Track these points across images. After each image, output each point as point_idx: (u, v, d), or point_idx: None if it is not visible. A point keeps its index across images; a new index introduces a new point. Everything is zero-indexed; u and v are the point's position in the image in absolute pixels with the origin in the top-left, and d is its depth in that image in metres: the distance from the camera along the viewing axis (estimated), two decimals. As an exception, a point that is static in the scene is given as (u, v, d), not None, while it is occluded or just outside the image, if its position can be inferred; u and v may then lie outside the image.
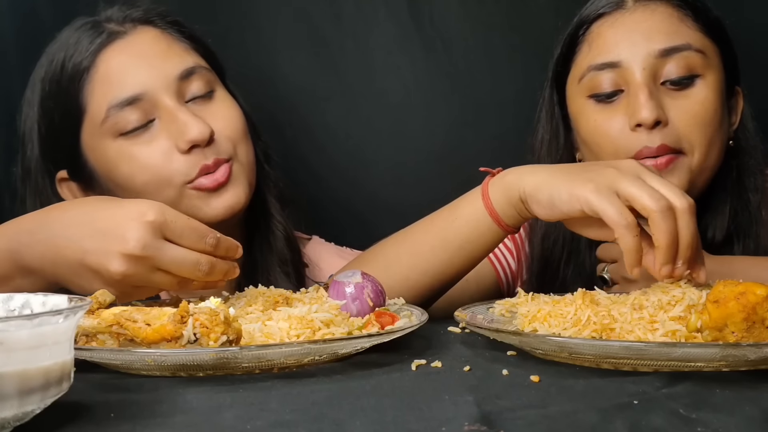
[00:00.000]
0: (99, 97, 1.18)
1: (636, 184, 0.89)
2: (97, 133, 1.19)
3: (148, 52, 1.20)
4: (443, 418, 0.62)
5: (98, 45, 1.19)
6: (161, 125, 1.18)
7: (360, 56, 1.66)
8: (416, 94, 1.67)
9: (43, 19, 1.61)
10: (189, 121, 1.16)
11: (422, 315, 0.93)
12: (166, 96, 1.17)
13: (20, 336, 0.56)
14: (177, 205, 1.11)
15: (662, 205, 0.87)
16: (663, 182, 0.91)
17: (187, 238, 0.89)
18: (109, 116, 1.17)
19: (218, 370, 0.77)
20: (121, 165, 1.18)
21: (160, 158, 1.17)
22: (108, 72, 1.18)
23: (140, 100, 1.16)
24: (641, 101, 1.16)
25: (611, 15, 1.23)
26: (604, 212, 0.89)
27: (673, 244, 0.88)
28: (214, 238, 0.90)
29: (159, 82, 1.18)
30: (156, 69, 1.19)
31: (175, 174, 1.17)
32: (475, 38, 1.66)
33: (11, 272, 0.96)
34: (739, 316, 0.75)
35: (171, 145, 1.17)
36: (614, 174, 0.91)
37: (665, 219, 0.87)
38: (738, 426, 0.60)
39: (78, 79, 1.19)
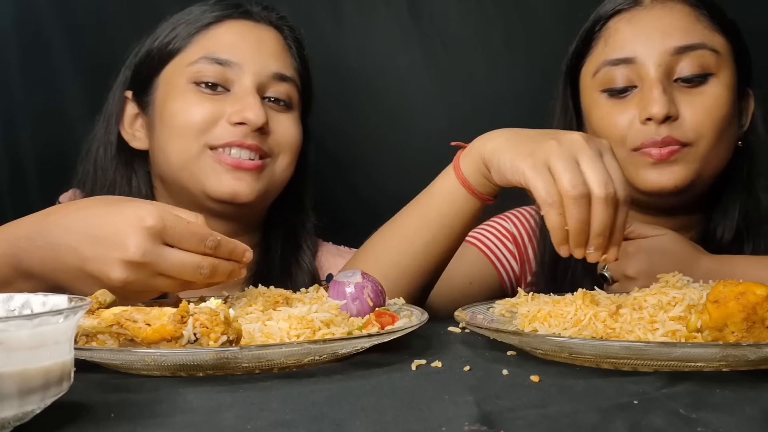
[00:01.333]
0: (199, 47, 1.28)
1: (564, 164, 0.90)
2: (176, 72, 1.28)
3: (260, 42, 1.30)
4: (443, 418, 0.62)
5: (227, 14, 1.31)
6: (232, 95, 1.26)
7: (360, 56, 1.66)
8: (416, 94, 1.67)
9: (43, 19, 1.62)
10: (253, 105, 1.24)
11: (422, 315, 0.93)
12: (249, 79, 1.26)
13: (20, 336, 0.56)
14: (194, 162, 1.23)
15: (577, 192, 0.88)
16: (595, 166, 0.90)
17: (187, 241, 0.89)
18: (197, 62, 1.26)
19: (218, 370, 0.77)
20: (176, 102, 1.26)
21: (205, 112, 1.24)
22: (215, 37, 1.29)
23: (227, 66, 1.26)
24: (654, 96, 1.18)
25: (628, 11, 1.25)
26: (534, 188, 0.91)
27: (582, 231, 0.89)
28: (213, 241, 0.90)
29: (254, 70, 1.27)
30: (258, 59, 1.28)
31: (209, 136, 1.24)
32: (475, 38, 1.66)
33: (11, 277, 0.95)
34: (739, 316, 0.75)
35: (223, 111, 1.24)
36: (552, 148, 0.92)
37: (575, 206, 0.88)
38: (738, 426, 0.60)
39: (192, 28, 1.29)
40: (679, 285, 0.90)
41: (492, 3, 1.66)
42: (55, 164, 1.55)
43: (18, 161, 1.61)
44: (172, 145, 1.26)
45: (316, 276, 1.36)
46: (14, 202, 1.59)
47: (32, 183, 1.60)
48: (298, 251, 1.36)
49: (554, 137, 0.94)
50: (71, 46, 1.61)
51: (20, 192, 1.60)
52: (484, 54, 1.66)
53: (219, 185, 1.23)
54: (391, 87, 1.67)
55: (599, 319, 0.85)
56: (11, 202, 1.60)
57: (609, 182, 0.89)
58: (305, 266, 1.35)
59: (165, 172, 1.29)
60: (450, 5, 1.66)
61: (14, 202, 1.59)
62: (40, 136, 1.60)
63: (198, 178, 1.24)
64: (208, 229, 0.91)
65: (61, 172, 1.39)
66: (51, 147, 1.58)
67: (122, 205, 0.94)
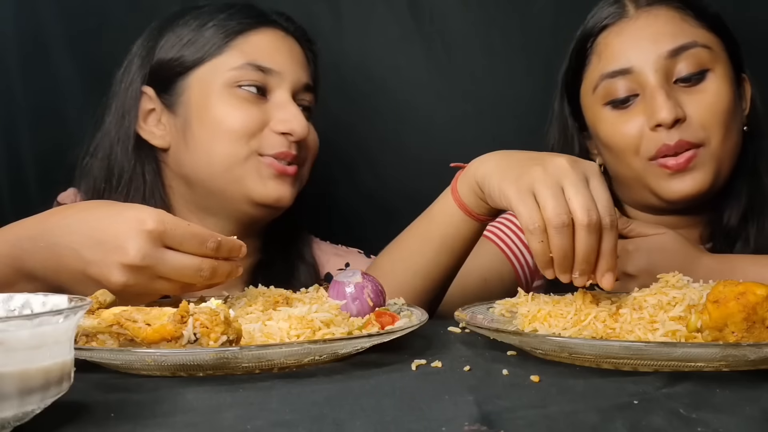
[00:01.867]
0: (240, 52, 1.29)
1: (548, 192, 0.89)
2: (213, 75, 1.28)
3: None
4: (443, 418, 0.62)
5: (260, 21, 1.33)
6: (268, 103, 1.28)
7: (360, 56, 1.66)
8: (416, 93, 1.67)
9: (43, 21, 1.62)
10: (298, 116, 1.28)
11: (422, 315, 0.93)
12: (288, 88, 1.29)
13: (20, 336, 0.56)
14: (240, 165, 1.25)
15: (560, 221, 0.87)
16: (579, 192, 0.90)
17: (187, 244, 0.89)
18: (241, 68, 1.27)
19: (218, 370, 0.77)
20: (219, 107, 1.27)
21: (252, 118, 1.26)
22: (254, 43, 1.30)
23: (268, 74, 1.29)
24: (659, 102, 1.19)
25: (616, 25, 1.26)
26: (519, 215, 0.91)
27: (566, 258, 0.88)
28: (215, 242, 0.90)
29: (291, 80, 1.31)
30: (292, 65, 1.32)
31: (256, 143, 1.26)
32: (475, 38, 1.66)
33: (14, 278, 0.95)
34: (739, 316, 0.75)
35: (267, 118, 1.27)
36: (537, 174, 0.91)
37: (558, 234, 0.87)
38: (738, 426, 0.60)
39: (229, 31, 1.30)
40: (679, 285, 0.90)
41: (492, 3, 1.66)
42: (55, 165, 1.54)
43: (18, 162, 1.61)
44: (217, 148, 1.26)
45: (317, 270, 1.37)
46: (14, 203, 1.58)
47: (32, 184, 1.60)
48: (301, 247, 1.38)
49: (540, 162, 0.94)
50: (71, 47, 1.61)
51: (20, 192, 1.60)
52: (484, 54, 1.66)
53: (265, 190, 1.26)
54: (390, 87, 1.67)
55: (599, 319, 0.85)
56: (11, 202, 1.59)
57: (593, 209, 0.89)
58: (309, 262, 1.37)
59: (201, 174, 1.28)
60: (450, 5, 1.66)
61: (14, 202, 1.59)
62: (41, 137, 1.60)
63: (244, 182, 1.26)
64: (208, 230, 0.91)
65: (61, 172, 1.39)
66: (51, 148, 1.58)
67: (123, 208, 0.94)
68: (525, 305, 0.94)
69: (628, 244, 1.17)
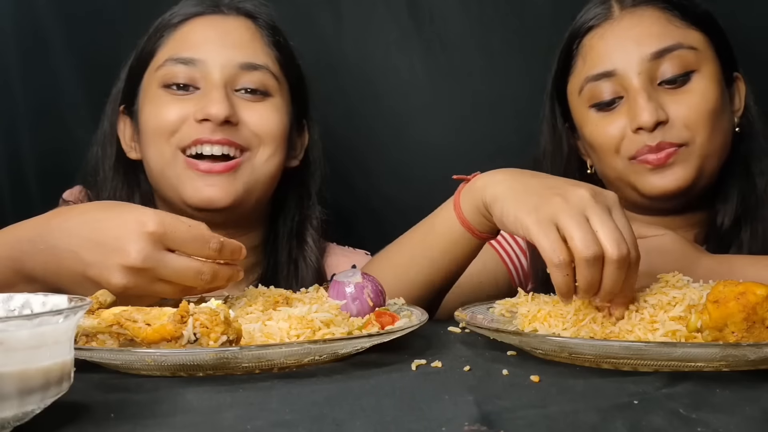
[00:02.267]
0: (167, 50, 1.26)
1: (574, 223, 0.85)
2: (149, 78, 1.27)
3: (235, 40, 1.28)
4: (443, 418, 0.62)
5: (194, 12, 1.28)
6: (200, 93, 1.23)
7: (360, 56, 1.66)
8: (416, 94, 1.67)
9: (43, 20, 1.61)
10: (215, 98, 1.20)
11: (422, 315, 0.93)
12: (215, 74, 1.23)
13: (20, 336, 0.56)
14: (169, 167, 1.21)
15: (590, 252, 0.83)
16: (606, 224, 0.85)
17: (189, 245, 0.89)
18: (164, 65, 1.24)
19: (218, 370, 0.77)
20: (147, 108, 1.25)
21: (173, 115, 1.22)
22: (186, 34, 1.26)
23: (191, 65, 1.23)
24: (641, 105, 1.19)
25: (600, 27, 1.26)
26: (540, 247, 0.86)
27: (591, 290, 0.84)
28: (217, 242, 0.89)
29: (219, 64, 1.24)
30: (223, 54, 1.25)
31: (177, 138, 1.22)
32: (475, 38, 1.66)
33: (13, 279, 0.95)
34: (739, 316, 0.75)
35: (190, 111, 1.21)
36: (559, 205, 0.87)
37: (588, 267, 0.83)
38: (738, 426, 0.60)
39: (162, 33, 1.27)
40: (679, 285, 0.90)
41: (492, 3, 1.66)
42: (55, 165, 1.55)
43: (19, 162, 1.61)
44: (149, 152, 1.25)
45: (323, 274, 1.34)
46: (15, 203, 1.58)
47: (33, 184, 1.60)
48: (304, 246, 1.33)
49: (560, 193, 0.89)
50: (71, 47, 1.61)
51: (21, 193, 1.60)
52: (484, 54, 1.66)
53: (194, 192, 1.20)
54: (390, 87, 1.67)
55: (596, 322, 0.85)
56: (12, 203, 1.59)
57: (622, 242, 0.84)
58: (311, 263, 1.32)
59: (151, 182, 1.28)
60: (450, 6, 1.66)
61: (15, 203, 1.59)
62: (41, 138, 1.60)
63: (174, 186, 1.22)
64: (210, 231, 0.91)
65: (61, 173, 1.39)
66: (51, 148, 1.58)
67: (123, 210, 0.93)
68: (525, 305, 0.94)
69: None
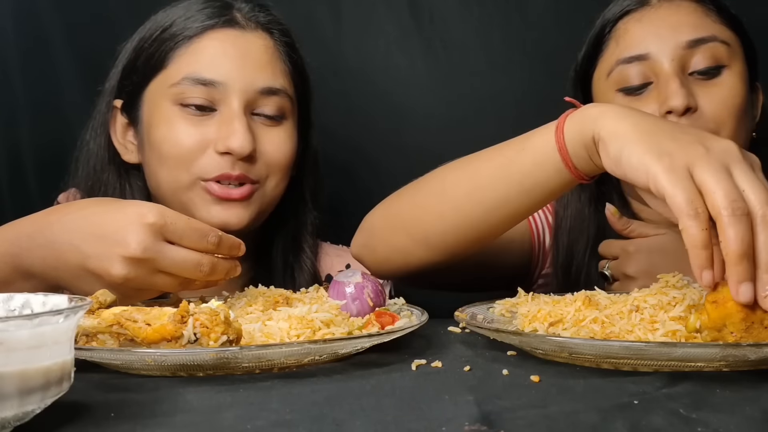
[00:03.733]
0: (181, 65, 1.20)
1: (717, 175, 0.74)
2: (160, 91, 1.21)
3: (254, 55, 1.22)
4: (443, 418, 0.62)
5: (210, 24, 1.21)
6: (219, 116, 1.19)
7: (360, 56, 1.66)
8: (416, 93, 1.67)
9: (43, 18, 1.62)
10: (238, 131, 1.17)
11: (422, 315, 0.93)
12: (235, 99, 1.18)
13: (20, 336, 0.56)
14: (183, 192, 1.18)
15: (737, 206, 0.72)
16: (755, 182, 0.74)
17: (188, 238, 0.89)
18: (180, 84, 1.19)
19: (218, 370, 0.77)
20: (161, 128, 1.20)
21: (192, 141, 1.18)
22: (203, 49, 1.21)
23: (211, 87, 1.18)
24: (673, 89, 1.18)
25: (637, 11, 1.25)
26: (672, 197, 0.75)
27: (744, 256, 0.71)
28: (216, 236, 0.90)
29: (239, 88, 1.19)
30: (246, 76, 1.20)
31: (198, 167, 1.18)
32: (475, 38, 1.66)
33: (11, 276, 0.96)
34: (738, 316, 0.75)
35: (209, 137, 1.18)
36: (699, 154, 0.76)
37: (736, 223, 0.71)
38: (738, 426, 0.59)
39: (173, 42, 1.21)
40: (679, 285, 0.90)
41: (492, 3, 1.66)
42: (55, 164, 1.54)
43: (18, 160, 1.61)
44: (162, 173, 1.21)
45: (318, 278, 1.35)
46: (14, 202, 1.59)
47: (32, 182, 1.61)
48: (300, 253, 1.33)
49: (702, 141, 0.78)
50: (71, 44, 1.61)
51: (20, 191, 1.60)
52: (484, 54, 1.66)
53: (208, 216, 1.17)
54: (390, 87, 1.67)
55: (597, 322, 0.85)
56: (11, 201, 1.60)
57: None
58: (306, 269, 1.32)
59: (157, 195, 1.25)
60: (450, 5, 1.66)
61: (14, 201, 1.59)
62: (40, 136, 1.60)
63: (188, 208, 1.19)
64: (208, 225, 0.92)
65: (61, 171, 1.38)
66: (51, 146, 1.58)
67: (123, 203, 0.94)
68: (525, 305, 0.94)
69: (628, 245, 1.17)
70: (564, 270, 1.28)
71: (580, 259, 1.27)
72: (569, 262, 1.28)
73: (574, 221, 1.28)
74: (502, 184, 0.97)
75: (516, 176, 0.95)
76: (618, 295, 0.92)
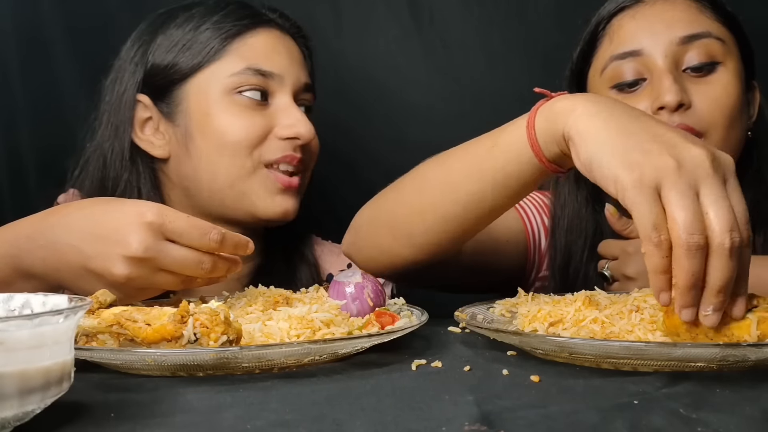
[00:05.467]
0: (237, 57, 1.25)
1: (683, 201, 0.73)
2: (212, 82, 1.25)
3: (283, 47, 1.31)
4: (443, 418, 0.62)
5: (255, 22, 1.29)
6: (270, 108, 1.26)
7: (360, 56, 1.67)
8: (416, 93, 1.67)
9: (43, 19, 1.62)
10: (302, 119, 1.25)
11: (422, 315, 0.93)
12: (288, 90, 1.27)
13: (20, 336, 0.56)
14: (245, 180, 1.23)
15: (693, 241, 0.71)
16: (719, 204, 0.73)
17: (188, 236, 0.89)
18: (241, 74, 1.24)
19: (218, 370, 0.77)
20: (221, 117, 1.24)
21: (257, 128, 1.24)
22: (252, 46, 1.27)
23: (269, 78, 1.25)
24: (666, 85, 1.18)
25: (631, 8, 1.25)
26: (638, 218, 0.74)
27: (692, 287, 0.73)
28: (218, 234, 0.90)
29: (291, 80, 1.28)
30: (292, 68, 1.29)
31: (261, 152, 1.24)
32: (475, 38, 1.66)
33: (12, 277, 0.96)
34: (683, 327, 0.76)
35: (269, 127, 1.25)
36: (670, 170, 0.74)
37: (688, 258, 0.71)
38: (738, 426, 0.59)
39: (224, 35, 1.26)
40: (679, 285, 0.90)
41: (492, 3, 1.66)
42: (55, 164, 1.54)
43: (18, 161, 1.61)
44: (222, 162, 1.23)
45: (320, 276, 1.35)
46: (14, 202, 1.59)
47: (32, 183, 1.61)
48: (303, 252, 1.36)
49: (672, 150, 0.75)
50: (71, 45, 1.61)
51: (20, 192, 1.60)
52: (484, 54, 1.66)
53: (272, 205, 1.25)
54: (390, 86, 1.67)
55: (597, 322, 0.85)
56: (11, 202, 1.60)
57: (735, 228, 0.72)
58: (309, 267, 1.34)
59: (203, 186, 1.25)
60: (450, 5, 1.66)
61: (14, 202, 1.59)
62: (41, 137, 1.60)
63: (249, 197, 1.24)
64: (209, 223, 0.92)
65: (61, 172, 1.39)
66: (51, 147, 1.58)
67: (122, 203, 0.95)
68: (525, 305, 0.94)
69: (628, 245, 1.17)
70: (562, 271, 1.28)
71: (578, 259, 1.27)
72: (567, 263, 1.28)
73: (572, 221, 1.28)
74: (476, 181, 0.96)
75: (489, 173, 0.95)
76: (618, 295, 0.93)
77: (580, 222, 1.27)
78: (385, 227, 1.08)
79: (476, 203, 0.98)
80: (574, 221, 1.28)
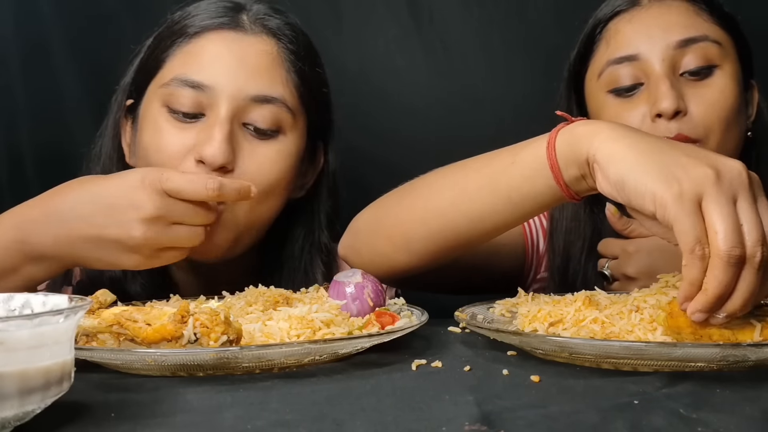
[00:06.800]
0: (174, 65, 1.12)
1: (723, 210, 0.73)
2: (153, 92, 1.13)
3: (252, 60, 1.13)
4: (443, 418, 0.62)
5: (208, 25, 1.13)
6: (205, 122, 1.09)
7: (360, 56, 1.67)
8: (416, 94, 1.67)
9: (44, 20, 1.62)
10: (214, 140, 1.06)
11: (422, 315, 0.93)
12: (223, 105, 1.08)
13: (20, 336, 0.56)
14: None
15: (733, 255, 0.72)
16: (754, 217, 0.74)
17: (186, 187, 0.95)
18: (169, 84, 1.10)
19: (218, 370, 0.77)
20: (148, 132, 1.12)
21: (174, 149, 1.09)
22: (197, 50, 1.12)
23: (199, 90, 1.09)
24: (662, 91, 1.17)
25: (628, 12, 1.25)
26: (681, 233, 0.74)
27: (722, 297, 0.73)
28: (215, 181, 0.95)
29: (228, 94, 1.10)
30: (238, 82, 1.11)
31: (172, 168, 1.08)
32: (475, 38, 1.66)
33: (19, 263, 0.98)
34: (687, 330, 0.76)
35: (192, 142, 1.08)
36: (709, 181, 0.74)
37: (726, 270, 0.72)
38: (738, 426, 0.59)
39: (171, 41, 1.13)
40: (680, 285, 0.90)
41: (492, 3, 1.66)
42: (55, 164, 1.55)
43: (19, 161, 1.61)
44: None
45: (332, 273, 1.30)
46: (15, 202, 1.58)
47: (33, 183, 1.61)
48: (315, 252, 1.23)
49: (711, 163, 0.76)
50: (72, 46, 1.61)
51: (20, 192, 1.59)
52: (484, 54, 1.66)
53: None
54: (390, 87, 1.67)
55: (597, 322, 0.85)
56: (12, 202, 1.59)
57: (766, 242, 0.73)
58: (324, 264, 1.23)
59: None
60: (450, 5, 1.66)
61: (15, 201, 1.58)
62: (41, 137, 1.61)
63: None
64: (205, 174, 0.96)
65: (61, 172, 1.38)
66: (51, 147, 1.59)
67: (117, 175, 1.01)
68: (525, 305, 0.94)
69: (628, 245, 1.17)
70: (561, 272, 1.28)
71: (577, 261, 1.27)
72: (566, 265, 1.28)
73: (571, 223, 1.28)
74: (490, 196, 0.95)
75: (504, 189, 0.93)
76: (618, 295, 0.93)
77: (578, 224, 1.27)
78: (383, 233, 1.08)
79: (485, 218, 0.97)
80: (572, 223, 1.28)
